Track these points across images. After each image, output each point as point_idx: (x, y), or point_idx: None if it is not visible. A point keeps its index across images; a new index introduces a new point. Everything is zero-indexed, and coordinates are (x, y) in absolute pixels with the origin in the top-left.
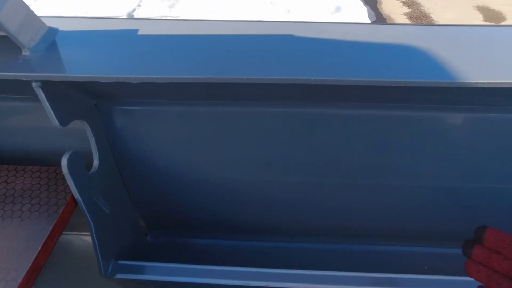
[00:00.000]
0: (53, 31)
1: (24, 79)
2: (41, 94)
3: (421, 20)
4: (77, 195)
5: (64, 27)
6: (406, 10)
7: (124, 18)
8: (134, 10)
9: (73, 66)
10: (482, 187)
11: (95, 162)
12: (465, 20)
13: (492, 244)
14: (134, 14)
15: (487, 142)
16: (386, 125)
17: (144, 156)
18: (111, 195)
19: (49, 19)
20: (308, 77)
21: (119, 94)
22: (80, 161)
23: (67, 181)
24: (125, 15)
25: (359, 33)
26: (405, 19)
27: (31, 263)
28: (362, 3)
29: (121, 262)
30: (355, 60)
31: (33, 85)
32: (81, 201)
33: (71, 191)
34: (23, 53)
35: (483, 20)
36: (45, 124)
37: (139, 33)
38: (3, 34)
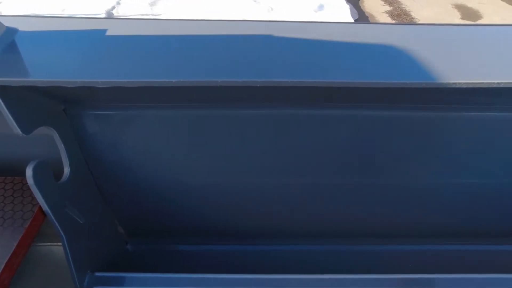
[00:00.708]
0: (11, 31)
1: None
2: None
3: (402, 17)
4: (45, 207)
5: (24, 27)
6: (387, 8)
7: (91, 17)
8: (113, 8)
9: (34, 69)
10: (480, 184)
11: (66, 170)
12: (443, 17)
13: None
14: (113, 12)
15: (484, 141)
16: (378, 126)
17: (120, 162)
18: (86, 204)
19: (7, 18)
20: (281, 79)
21: (89, 98)
22: (47, 170)
23: (33, 193)
24: (104, 13)
25: (345, 33)
26: (386, 16)
27: None
28: (344, 1)
29: (98, 274)
30: (342, 61)
31: None
32: (50, 212)
33: (39, 203)
34: None
35: (461, 18)
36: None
37: (108, 33)
38: None
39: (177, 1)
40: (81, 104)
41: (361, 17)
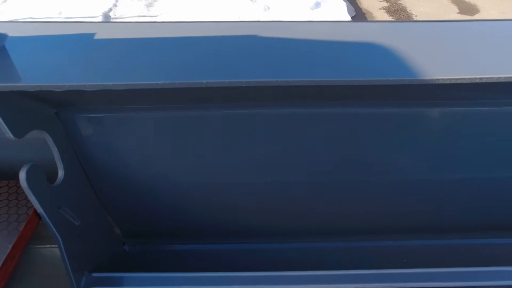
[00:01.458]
0: (1, 37)
1: None
2: None
3: (399, 14)
4: (40, 209)
5: (13, 32)
6: (384, 4)
7: (80, 21)
8: (110, 10)
9: (24, 74)
10: (479, 179)
11: (60, 173)
12: (441, 13)
13: None
14: (110, 14)
15: (478, 135)
16: (373, 123)
17: (114, 163)
18: (81, 206)
19: None
20: (268, 79)
21: (81, 101)
22: (40, 173)
23: (28, 195)
24: (101, 15)
25: (341, 32)
26: (383, 13)
27: None
28: None
29: (95, 274)
30: (338, 60)
31: None
32: (44, 215)
33: (33, 206)
34: None
35: (458, 12)
36: (3, 135)
37: (98, 37)
38: None
39: (173, 2)
40: (73, 107)
41: (358, 14)
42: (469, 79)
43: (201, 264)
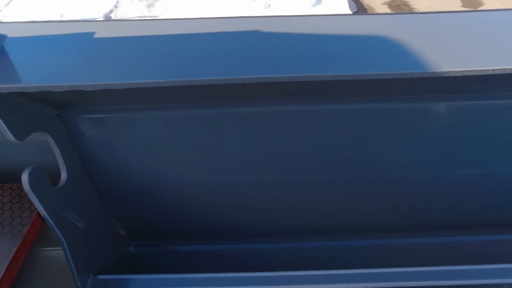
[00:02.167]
0: (0, 38)
1: None
2: None
3: (401, 8)
4: (43, 212)
5: (12, 33)
6: None
7: (79, 20)
8: (111, 11)
9: (23, 75)
10: (477, 174)
11: (63, 175)
12: (444, 7)
13: None
14: (111, 15)
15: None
16: (374, 119)
17: (117, 164)
18: (85, 207)
19: None
20: (271, 75)
21: (82, 102)
22: (43, 175)
23: (30, 198)
24: (102, 16)
25: (344, 26)
26: (385, 8)
27: None
28: None
29: (101, 276)
30: (344, 54)
31: None
32: (48, 217)
33: (37, 209)
34: None
35: (461, 6)
36: (4, 138)
37: (96, 36)
38: None
39: (174, 2)
40: (75, 108)
41: (360, 9)
42: (481, 70)
43: (207, 264)
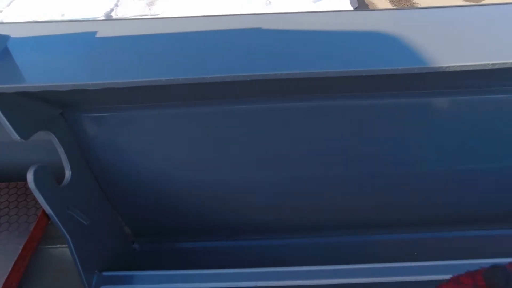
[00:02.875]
0: (3, 39)
1: None
2: None
3: (403, 4)
4: (48, 210)
5: (15, 34)
6: None
7: (80, 20)
8: (112, 10)
9: (27, 75)
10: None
11: (67, 173)
12: (445, 1)
13: None
14: (112, 14)
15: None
16: (373, 114)
17: (121, 163)
18: (90, 205)
19: None
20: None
21: (85, 101)
22: (48, 174)
23: (36, 196)
24: (103, 16)
25: (343, 23)
26: (387, 4)
27: (1, 286)
28: None
29: (106, 273)
30: (345, 50)
31: None
32: (53, 215)
33: (42, 206)
34: None
35: (464, 0)
36: (9, 137)
37: (98, 35)
38: None
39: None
40: (78, 107)
41: (361, 5)
42: (481, 65)
43: (210, 262)
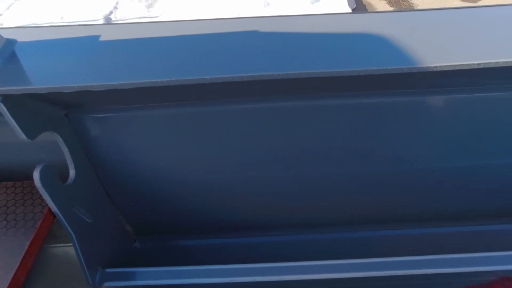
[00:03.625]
0: (11, 43)
1: None
2: (3, 108)
3: (400, 4)
4: (54, 208)
5: (22, 38)
6: None
7: (89, 23)
8: (111, 12)
9: (34, 77)
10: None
11: (71, 172)
12: (443, 2)
13: None
14: (111, 17)
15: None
16: (370, 113)
17: (124, 162)
18: (93, 204)
19: (6, 30)
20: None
21: (90, 102)
22: (53, 173)
23: (42, 194)
24: (102, 18)
25: (342, 25)
26: (384, 4)
27: (10, 281)
28: None
29: (109, 270)
30: (339, 51)
31: None
32: (59, 213)
33: (48, 204)
34: None
35: (461, 0)
36: (16, 138)
37: (102, 38)
38: None
39: (173, 2)
40: (82, 108)
41: (359, 6)
42: (467, 65)
43: (211, 259)
